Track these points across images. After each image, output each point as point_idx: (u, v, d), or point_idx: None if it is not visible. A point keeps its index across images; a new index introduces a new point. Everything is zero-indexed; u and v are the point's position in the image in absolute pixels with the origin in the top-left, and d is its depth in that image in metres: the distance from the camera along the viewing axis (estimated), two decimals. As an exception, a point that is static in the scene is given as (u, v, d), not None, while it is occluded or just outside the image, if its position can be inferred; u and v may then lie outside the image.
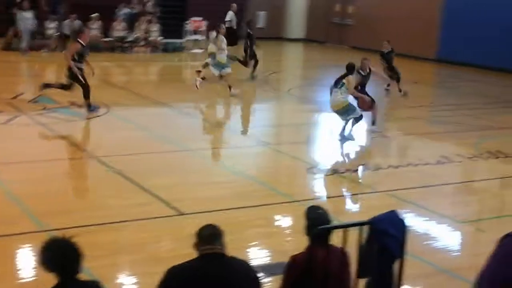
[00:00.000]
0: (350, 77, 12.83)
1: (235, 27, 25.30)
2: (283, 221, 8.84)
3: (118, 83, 19.50)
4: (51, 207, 8.44)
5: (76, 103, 14.75)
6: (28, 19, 23.43)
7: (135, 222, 8.07)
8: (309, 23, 33.37)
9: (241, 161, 11.55)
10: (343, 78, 12.78)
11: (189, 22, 27.09)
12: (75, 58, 13.82)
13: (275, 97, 18.45)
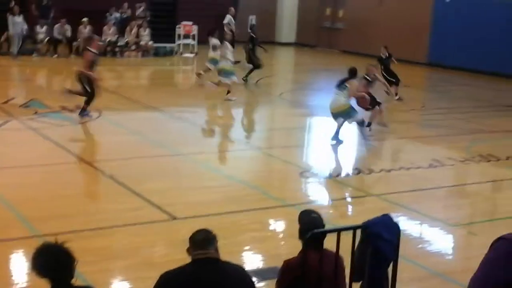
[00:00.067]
0: (353, 81, 12.78)
1: (234, 31, 25.39)
2: (277, 225, 8.84)
3: (110, 87, 19.40)
4: (43, 212, 8.40)
5: (67, 107, 14.72)
6: (19, 24, 23.38)
7: (128, 227, 8.05)
8: (299, 27, 33.44)
9: (233, 165, 11.54)
10: (346, 81, 12.72)
11: (180, 26, 27.08)
12: (89, 66, 14.02)
13: (267, 101, 18.45)
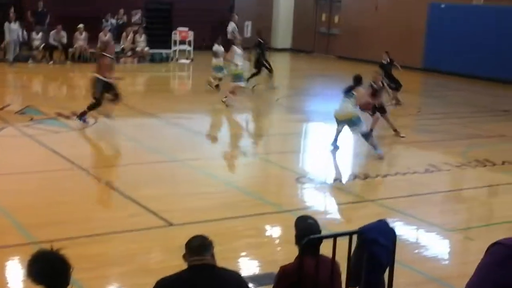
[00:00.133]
0: (360, 89, 12.71)
1: (237, 37, 25.59)
2: (273, 231, 8.83)
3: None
4: (39, 219, 8.38)
5: (63, 114, 14.71)
6: (14, 31, 23.37)
7: (124, 234, 8.04)
8: (295, 33, 33.46)
9: (229, 171, 11.54)
10: (353, 89, 12.60)
11: (176, 32, 27.09)
12: (106, 72, 14.05)
13: (263, 107, 18.45)
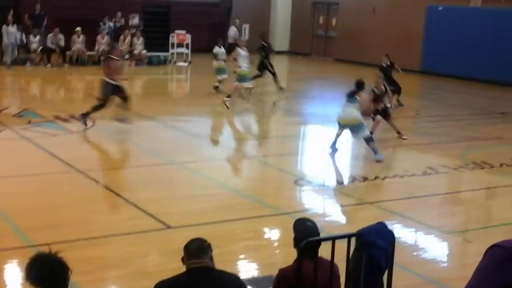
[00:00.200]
0: (363, 94, 12.70)
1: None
2: (271, 233, 8.82)
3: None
4: (37, 221, 8.37)
5: (60, 116, 14.70)
6: (12, 34, 23.37)
7: (122, 236, 8.03)
8: (293, 35, 33.49)
9: (227, 174, 11.53)
10: (355, 93, 12.57)
11: (174, 35, 27.12)
12: (114, 74, 14.08)
13: (261, 110, 18.45)
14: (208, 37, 30.20)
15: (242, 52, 17.57)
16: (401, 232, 8.41)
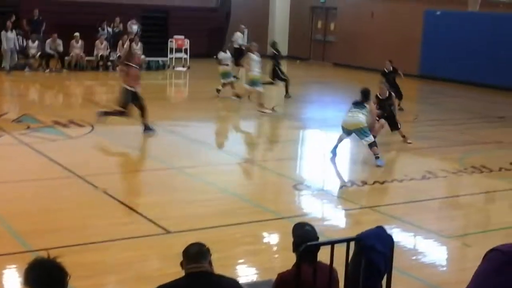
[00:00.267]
0: (371, 103, 12.88)
1: (244, 48, 25.90)
2: (270, 238, 8.82)
3: (102, 101, 19.44)
4: (36, 226, 8.36)
5: (59, 122, 14.70)
6: (11, 39, 23.39)
7: (121, 241, 8.02)
8: (291, 40, 33.50)
9: (226, 178, 11.52)
10: (364, 103, 12.67)
11: (172, 40, 27.13)
12: (133, 82, 14.16)
13: (260, 114, 18.44)
14: (206, 42, 30.25)
15: (254, 57, 17.95)
16: (400, 236, 8.41)
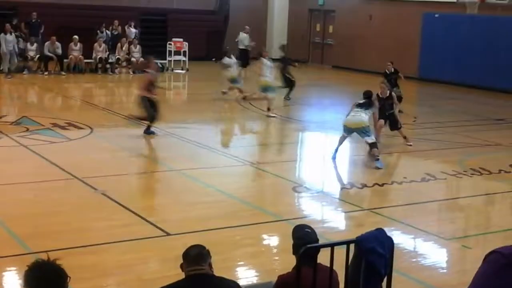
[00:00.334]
0: (376, 103, 12.99)
1: (249, 49, 25.95)
2: (271, 240, 8.81)
3: (100, 104, 19.45)
4: (36, 229, 8.35)
5: (58, 124, 14.69)
6: (10, 42, 23.38)
7: (121, 244, 8.00)
8: (290, 43, 33.46)
9: (226, 180, 11.51)
10: (370, 104, 12.84)
11: (171, 43, 27.15)
12: (148, 88, 14.21)
13: (259, 117, 18.44)
14: (205, 44, 30.26)
15: (267, 62, 18.13)
16: (400, 239, 8.40)
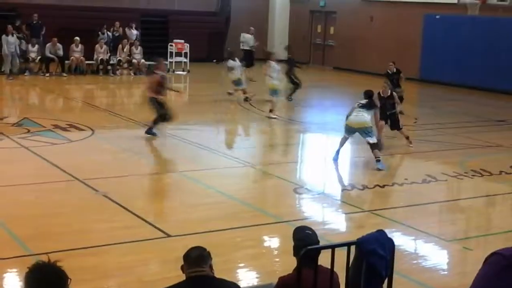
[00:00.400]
0: (377, 103, 13.07)
1: (254, 50, 26.11)
2: (271, 242, 8.81)
3: (102, 105, 19.46)
4: (36, 230, 8.36)
5: (59, 126, 14.69)
6: (12, 43, 23.40)
7: (122, 245, 8.00)
8: (291, 44, 33.46)
9: (227, 182, 11.51)
10: (372, 104, 12.86)
11: (172, 44, 27.15)
12: (157, 89, 14.13)
13: (260, 118, 18.44)
14: (206, 46, 30.25)
15: (275, 65, 18.26)
16: (401, 240, 8.40)
